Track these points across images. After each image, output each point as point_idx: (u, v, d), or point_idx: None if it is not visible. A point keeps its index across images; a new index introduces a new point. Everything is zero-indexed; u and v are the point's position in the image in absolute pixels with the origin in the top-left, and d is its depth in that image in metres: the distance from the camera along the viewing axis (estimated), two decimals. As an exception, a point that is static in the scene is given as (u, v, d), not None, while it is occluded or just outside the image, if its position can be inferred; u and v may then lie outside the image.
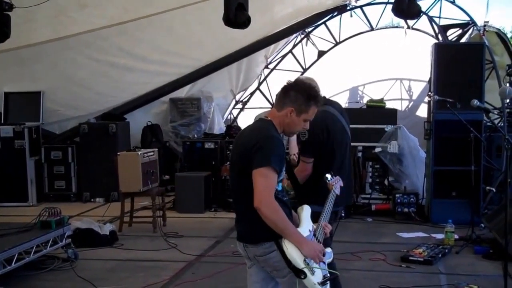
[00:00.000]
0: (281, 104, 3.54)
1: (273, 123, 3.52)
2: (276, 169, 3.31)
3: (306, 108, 3.51)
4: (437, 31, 11.84)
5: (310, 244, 3.39)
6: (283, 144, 3.43)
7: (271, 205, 3.27)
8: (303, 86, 3.60)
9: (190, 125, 12.20)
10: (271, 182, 3.31)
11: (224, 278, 6.21)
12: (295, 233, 3.35)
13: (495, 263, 6.63)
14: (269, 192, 3.28)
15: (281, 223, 3.29)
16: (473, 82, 8.72)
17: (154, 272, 6.48)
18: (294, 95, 3.50)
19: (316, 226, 3.62)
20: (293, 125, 3.55)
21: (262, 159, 3.30)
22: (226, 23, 7.72)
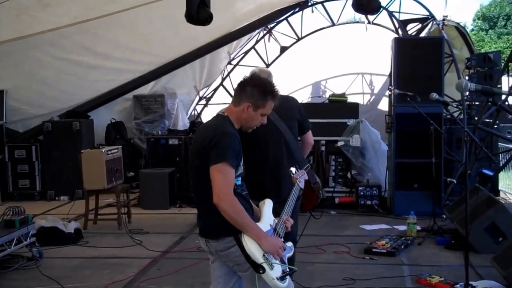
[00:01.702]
0: (237, 99, 3.55)
1: (230, 119, 3.53)
2: (232, 164, 3.33)
3: (263, 103, 3.53)
4: (397, 26, 12.00)
5: (270, 239, 3.39)
6: (238, 139, 3.43)
7: (230, 201, 3.28)
8: (259, 81, 3.64)
9: (154, 121, 12.18)
10: (228, 177, 3.32)
11: (190, 273, 6.22)
12: (255, 228, 3.36)
13: (456, 253, 6.78)
14: (227, 187, 3.30)
15: (240, 218, 3.31)
16: (433, 75, 8.87)
17: (119, 269, 6.45)
18: (250, 90, 3.51)
19: (278, 220, 3.62)
20: (251, 120, 3.57)
21: (218, 155, 3.31)
22: (188, 20, 7.72)
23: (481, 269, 5.99)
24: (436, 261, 6.64)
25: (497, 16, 42.81)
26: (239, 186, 3.50)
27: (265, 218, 3.56)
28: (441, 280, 5.70)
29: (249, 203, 3.58)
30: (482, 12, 43.88)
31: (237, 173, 3.45)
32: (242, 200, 3.45)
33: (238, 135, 3.50)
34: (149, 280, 6.07)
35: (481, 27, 43.27)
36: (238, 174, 3.46)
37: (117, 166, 8.52)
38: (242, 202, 3.40)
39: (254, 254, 3.30)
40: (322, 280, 5.86)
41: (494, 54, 9.97)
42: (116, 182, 8.38)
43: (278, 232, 3.56)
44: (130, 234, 7.81)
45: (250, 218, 3.38)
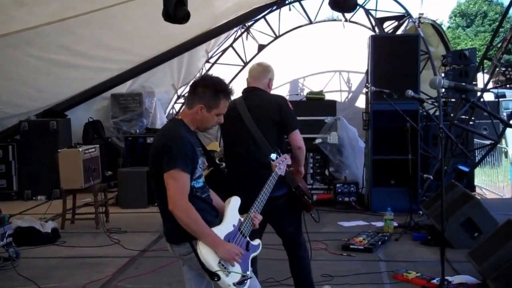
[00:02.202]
0: (190, 102, 3.50)
1: (184, 122, 3.48)
2: (184, 169, 3.28)
3: (216, 103, 3.47)
4: (374, 24, 12.07)
5: (226, 246, 3.32)
6: (191, 142, 3.37)
7: (183, 208, 3.25)
8: (210, 81, 3.53)
9: (132, 120, 12.14)
10: (182, 184, 3.28)
11: (167, 272, 6.20)
12: (209, 235, 3.30)
13: (433, 248, 6.80)
14: (180, 194, 3.27)
15: (195, 226, 3.26)
16: (409, 73, 8.94)
17: (97, 268, 6.42)
18: (202, 91, 3.45)
19: (244, 218, 3.55)
20: (206, 121, 3.51)
21: (170, 161, 3.27)
22: (165, 19, 7.69)
23: (457, 264, 6.06)
24: (413, 257, 6.69)
25: (474, 14, 43.28)
26: (199, 188, 3.46)
27: (227, 219, 3.49)
28: (417, 275, 5.74)
29: (210, 205, 3.53)
30: (460, 9, 44.32)
31: (195, 176, 3.41)
32: (202, 203, 3.43)
33: (194, 137, 3.48)
34: (127, 279, 6.05)
35: (459, 24, 43.70)
36: (196, 176, 3.42)
37: (94, 165, 8.47)
38: (201, 205, 3.40)
39: (208, 261, 3.25)
40: (299, 276, 5.88)
41: (470, 51, 10.09)
42: (93, 182, 8.34)
43: (243, 232, 3.50)
44: (107, 234, 7.78)
45: (205, 225, 3.31)
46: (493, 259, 5.23)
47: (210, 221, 3.39)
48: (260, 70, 4.98)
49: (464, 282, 5.50)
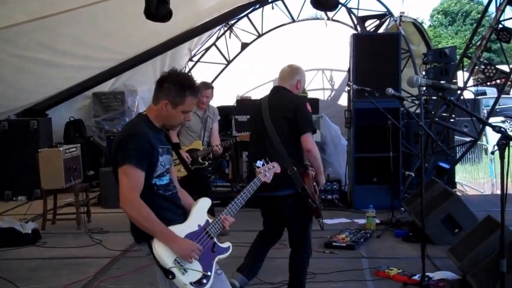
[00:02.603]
0: (156, 97, 3.40)
1: (149, 118, 3.40)
2: (138, 166, 3.19)
3: (182, 100, 3.34)
4: (356, 22, 12.11)
5: (181, 242, 3.23)
6: (148, 139, 3.25)
7: (133, 205, 3.18)
8: (176, 77, 3.40)
9: (114, 119, 12.05)
10: (133, 180, 3.19)
11: (150, 272, 6.06)
12: (163, 232, 3.21)
13: (414, 245, 6.86)
14: (131, 190, 3.18)
15: (146, 222, 3.19)
16: (391, 71, 8.99)
17: (78, 269, 6.38)
18: (167, 87, 3.34)
19: (213, 220, 3.48)
20: (171, 118, 3.40)
21: (123, 157, 3.20)
22: (147, 17, 7.67)
23: (437, 261, 6.13)
24: (394, 254, 6.73)
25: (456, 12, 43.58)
26: (161, 186, 3.38)
27: (192, 218, 3.42)
28: (399, 272, 5.79)
29: (174, 204, 3.45)
30: (443, 7, 44.60)
31: (156, 173, 3.33)
32: (164, 201, 3.37)
33: (158, 134, 3.40)
34: (109, 279, 6.02)
35: (441, 22, 43.97)
36: (158, 174, 3.34)
37: (75, 165, 8.41)
38: (163, 203, 3.35)
39: (162, 258, 3.17)
40: (284, 275, 5.81)
41: (450, 49, 10.14)
42: (74, 181, 8.28)
43: (209, 232, 3.42)
44: (89, 234, 7.72)
45: (159, 222, 3.21)
46: (473, 255, 5.28)
47: (172, 219, 3.33)
48: (288, 71, 5.10)
49: (445, 278, 5.56)
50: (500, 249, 3.45)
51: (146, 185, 3.27)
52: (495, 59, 32.47)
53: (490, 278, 4.51)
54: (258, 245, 5.33)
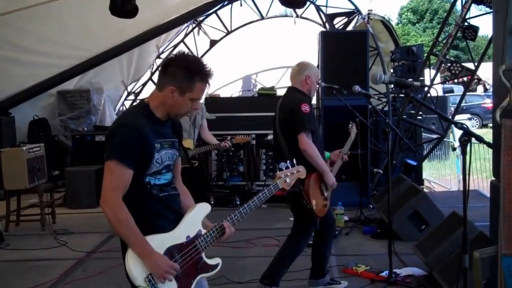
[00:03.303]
0: (161, 83, 3.02)
1: (149, 107, 3.03)
2: (123, 162, 2.85)
3: (190, 86, 2.96)
4: (325, 20, 12.14)
5: (155, 258, 2.85)
6: (136, 132, 2.88)
7: (111, 205, 2.84)
8: (183, 60, 2.99)
9: (80, 118, 11.88)
10: (116, 178, 2.86)
11: (117, 273, 6.03)
12: (137, 242, 2.84)
13: (382, 242, 6.85)
14: (112, 189, 2.84)
15: (120, 228, 2.84)
16: (359, 68, 9.00)
17: (43, 271, 6.24)
18: (173, 71, 2.95)
19: (206, 230, 3.06)
20: (178, 107, 3.01)
21: (109, 151, 2.88)
22: (113, 13, 7.59)
23: (405, 257, 6.15)
24: (363, 251, 6.74)
25: (425, 10, 44.05)
26: (156, 186, 3.02)
27: (181, 228, 3.02)
28: (367, 269, 5.80)
29: (170, 209, 3.07)
30: (412, 5, 45.05)
31: (151, 170, 2.97)
32: (158, 204, 3.01)
33: (156, 126, 3.02)
34: (74, 282, 5.92)
35: (410, 20, 44.42)
36: (153, 171, 2.99)
37: (39, 164, 8.25)
38: (156, 206, 3.00)
39: (133, 274, 2.83)
40: (252, 274, 5.82)
41: (417, 47, 10.22)
42: (38, 182, 8.11)
43: (197, 246, 3.02)
44: (54, 235, 7.58)
45: (136, 230, 2.85)
46: (439, 251, 5.32)
47: (162, 227, 2.97)
48: (296, 69, 5.25)
49: (412, 274, 5.59)
50: (463, 245, 3.44)
51: (137, 184, 2.94)
52: (462, 57, 32.91)
53: (455, 273, 4.52)
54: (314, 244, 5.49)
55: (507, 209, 1.82)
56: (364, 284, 5.53)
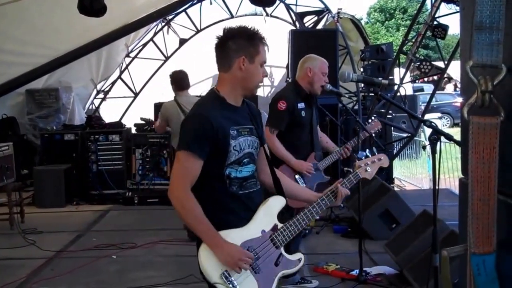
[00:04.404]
0: (225, 61, 2.90)
1: (218, 94, 2.91)
2: (195, 152, 2.75)
3: (256, 49, 2.89)
4: (295, 19, 12.17)
5: (227, 246, 2.71)
6: (206, 120, 2.77)
7: (180, 196, 2.75)
8: (236, 30, 2.93)
9: (49, 116, 11.70)
10: (184, 168, 2.78)
11: (85, 272, 6.05)
12: (208, 232, 2.73)
13: (353, 240, 6.87)
14: (179, 179, 2.77)
15: (188, 217, 2.76)
16: (328, 67, 8.99)
17: (10, 271, 6.17)
18: (234, 43, 2.87)
19: (283, 225, 2.91)
20: (252, 76, 2.91)
21: (180, 141, 2.81)
22: (81, 11, 7.52)
23: (375, 256, 6.18)
24: (333, 249, 6.76)
25: (393, 9, 44.41)
26: (236, 180, 2.87)
27: (255, 222, 2.86)
28: (337, 267, 5.82)
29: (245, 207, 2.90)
30: (379, 5, 45.40)
31: (230, 160, 2.84)
32: (234, 202, 2.86)
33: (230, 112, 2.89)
34: (42, 281, 5.85)
35: (377, 19, 44.75)
36: (233, 160, 2.85)
37: (7, 163, 8.13)
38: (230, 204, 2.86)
39: (207, 270, 2.71)
40: (221, 273, 5.82)
41: (387, 46, 10.30)
42: (7, 181, 8.00)
43: (274, 241, 2.86)
44: (22, 234, 7.48)
45: (204, 219, 2.74)
46: (409, 249, 5.36)
47: (231, 224, 2.82)
48: (299, 63, 5.47)
49: (382, 272, 5.62)
50: (433, 244, 3.49)
51: (217, 177, 2.84)
52: (432, 55, 33.26)
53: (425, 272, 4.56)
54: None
55: (475, 207, 1.83)
56: (334, 283, 5.54)
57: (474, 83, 1.82)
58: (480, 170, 1.81)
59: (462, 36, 2.27)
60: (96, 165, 9.95)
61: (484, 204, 1.82)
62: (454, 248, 2.03)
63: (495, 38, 1.74)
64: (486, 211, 1.82)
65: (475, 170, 1.82)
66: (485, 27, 1.74)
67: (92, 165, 9.94)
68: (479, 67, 1.81)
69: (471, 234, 1.87)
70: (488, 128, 1.78)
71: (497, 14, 1.73)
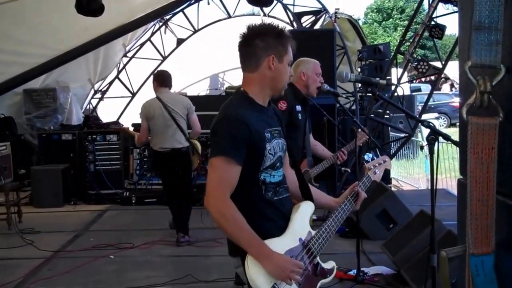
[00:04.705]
0: (253, 60, 2.75)
1: (247, 94, 2.75)
2: (232, 157, 2.57)
3: (285, 49, 2.77)
4: (292, 19, 12.17)
5: (277, 259, 2.52)
6: (242, 123, 2.60)
7: (220, 205, 2.55)
8: (263, 27, 2.82)
9: (46, 116, 11.71)
10: (222, 174, 2.58)
11: (83, 272, 6.04)
12: (253, 242, 2.54)
13: (351, 240, 6.86)
14: (217, 186, 2.57)
15: (231, 227, 2.55)
16: (326, 67, 9.00)
17: (8, 271, 6.16)
18: (261, 41, 2.73)
19: (316, 232, 2.79)
20: (280, 76, 2.77)
21: (214, 147, 2.63)
22: (78, 11, 7.50)
23: (373, 256, 6.19)
24: (331, 249, 6.70)
25: (391, 9, 44.43)
26: (271, 185, 2.73)
27: (293, 229, 2.72)
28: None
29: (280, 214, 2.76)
30: (377, 5, 45.43)
31: (265, 164, 2.69)
32: (270, 209, 2.72)
33: (262, 113, 2.76)
34: (40, 281, 5.83)
35: (375, 19, 44.79)
36: (268, 165, 2.70)
37: (5, 163, 8.14)
38: (266, 211, 2.71)
39: (257, 283, 2.50)
40: (218, 273, 5.82)
41: (384, 46, 10.31)
42: (4, 180, 8.01)
43: (311, 249, 2.72)
44: (20, 234, 7.47)
45: (248, 229, 2.55)
46: (407, 249, 5.36)
47: (270, 233, 2.64)
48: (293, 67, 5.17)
49: (380, 273, 5.61)
50: (431, 244, 3.49)
51: (252, 183, 2.68)
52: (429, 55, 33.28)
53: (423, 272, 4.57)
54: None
55: (474, 208, 1.83)
56: (332, 283, 5.50)
57: (472, 83, 1.82)
58: (479, 170, 1.81)
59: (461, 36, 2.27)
60: (94, 165, 9.94)
61: (483, 204, 1.82)
62: (453, 249, 2.03)
63: (493, 38, 1.74)
64: (485, 211, 1.83)
65: (474, 170, 1.82)
66: (484, 27, 1.74)
67: (90, 165, 9.93)
68: (478, 68, 1.81)
69: (469, 235, 1.87)
70: (487, 128, 1.78)
71: (496, 14, 1.73)
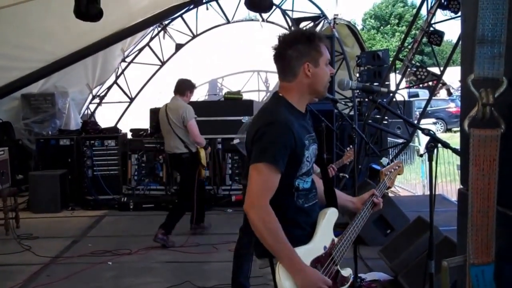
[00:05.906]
0: (289, 71, 2.74)
1: (287, 100, 2.73)
2: (277, 164, 2.54)
3: (318, 51, 2.73)
4: (291, 24, 12.17)
5: (308, 274, 2.52)
6: (288, 129, 2.58)
7: (262, 213, 2.52)
8: (292, 36, 2.80)
9: (44, 121, 11.70)
10: (266, 181, 2.55)
11: (81, 278, 6.04)
12: (290, 256, 2.51)
13: (348, 246, 6.92)
14: (261, 194, 2.54)
15: (270, 238, 2.51)
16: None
17: (6, 277, 6.16)
18: (293, 50, 2.71)
19: (338, 240, 2.78)
20: (319, 79, 2.73)
21: (259, 152, 2.57)
22: (77, 16, 7.49)
23: (370, 261, 6.20)
24: (328, 255, 6.75)
25: (389, 15, 44.52)
26: (303, 192, 2.73)
27: (318, 237, 2.70)
28: (332, 274, 5.80)
29: (309, 220, 2.75)
30: (374, 11, 45.53)
31: (301, 171, 2.68)
32: (301, 215, 2.71)
33: (301, 119, 2.74)
34: (38, 287, 5.84)
35: (372, 26, 44.88)
36: (302, 172, 2.69)
37: (3, 169, 8.14)
38: (297, 217, 2.70)
39: None
40: (217, 279, 5.84)
41: (383, 52, 10.32)
42: (2, 186, 8.01)
43: (334, 258, 2.70)
44: (18, 240, 7.47)
45: (287, 242, 2.52)
46: (404, 255, 5.37)
47: (299, 240, 2.63)
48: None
49: (377, 279, 5.63)
50: (429, 250, 3.50)
51: (286, 187, 2.65)
52: (427, 61, 33.37)
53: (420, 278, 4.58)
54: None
55: (475, 219, 1.84)
56: (330, 289, 5.55)
57: (474, 96, 1.84)
58: (480, 182, 1.82)
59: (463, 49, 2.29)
60: (92, 170, 9.94)
61: (484, 215, 1.83)
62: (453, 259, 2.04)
63: (496, 52, 1.75)
64: (485, 222, 1.84)
65: (475, 182, 1.83)
66: (487, 41, 1.75)
67: (88, 170, 9.94)
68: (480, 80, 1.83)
69: (470, 245, 1.88)
70: (488, 140, 1.79)
71: (499, 28, 1.74)
